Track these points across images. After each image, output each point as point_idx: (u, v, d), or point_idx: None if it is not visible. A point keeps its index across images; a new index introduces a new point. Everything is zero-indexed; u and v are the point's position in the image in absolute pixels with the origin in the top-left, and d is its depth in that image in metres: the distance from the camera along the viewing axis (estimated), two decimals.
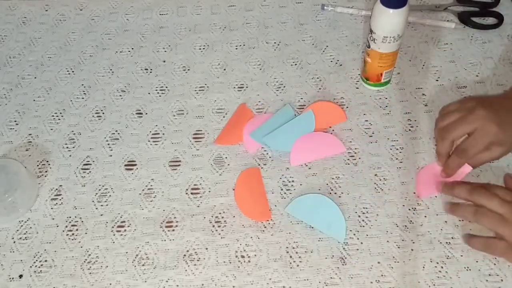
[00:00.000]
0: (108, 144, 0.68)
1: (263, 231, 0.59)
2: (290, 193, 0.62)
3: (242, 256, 0.57)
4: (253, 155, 0.65)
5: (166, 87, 0.74)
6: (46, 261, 0.58)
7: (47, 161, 0.67)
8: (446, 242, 0.56)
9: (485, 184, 0.58)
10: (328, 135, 0.66)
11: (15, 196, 0.60)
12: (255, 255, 0.57)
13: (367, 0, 0.81)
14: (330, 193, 0.61)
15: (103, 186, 0.64)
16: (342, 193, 0.61)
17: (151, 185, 0.64)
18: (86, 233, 0.60)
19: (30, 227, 0.61)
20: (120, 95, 0.73)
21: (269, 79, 0.73)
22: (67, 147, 0.68)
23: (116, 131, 0.69)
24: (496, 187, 0.57)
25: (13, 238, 0.60)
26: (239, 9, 0.83)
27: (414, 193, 0.60)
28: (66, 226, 0.61)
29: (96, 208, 0.62)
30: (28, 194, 0.62)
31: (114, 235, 0.60)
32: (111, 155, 0.67)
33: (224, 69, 0.75)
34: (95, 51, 0.79)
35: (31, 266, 0.58)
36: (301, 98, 0.70)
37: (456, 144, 0.60)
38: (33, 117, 0.71)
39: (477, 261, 0.55)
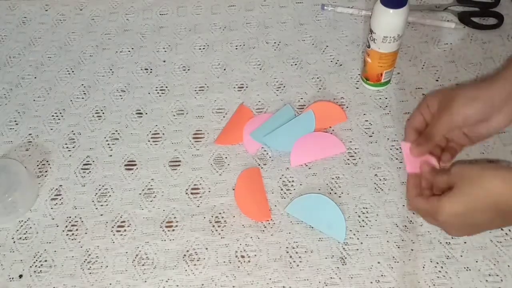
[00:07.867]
0: (108, 144, 0.68)
1: (263, 231, 0.59)
2: (290, 193, 0.62)
3: (242, 256, 0.57)
4: (253, 155, 0.65)
5: (166, 87, 0.73)
6: (46, 261, 0.58)
7: (47, 161, 0.67)
8: (446, 242, 0.56)
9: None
10: (328, 135, 0.66)
11: (15, 196, 0.60)
12: (255, 255, 0.57)
13: (367, 0, 0.81)
14: (330, 193, 0.61)
15: (103, 186, 0.64)
16: (342, 193, 0.61)
17: (151, 185, 0.64)
18: (86, 233, 0.60)
19: (30, 227, 0.61)
20: (120, 95, 0.73)
21: (269, 79, 0.73)
22: (67, 147, 0.68)
23: (116, 131, 0.69)
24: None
25: (13, 238, 0.60)
26: (239, 9, 0.83)
27: None
28: (66, 226, 0.61)
29: (96, 208, 0.62)
30: (28, 194, 0.62)
31: (114, 235, 0.60)
32: (111, 155, 0.67)
33: (224, 69, 0.75)
34: (95, 51, 0.79)
35: (31, 266, 0.58)
36: (301, 98, 0.70)
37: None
38: (33, 117, 0.71)
39: (477, 261, 0.55)
